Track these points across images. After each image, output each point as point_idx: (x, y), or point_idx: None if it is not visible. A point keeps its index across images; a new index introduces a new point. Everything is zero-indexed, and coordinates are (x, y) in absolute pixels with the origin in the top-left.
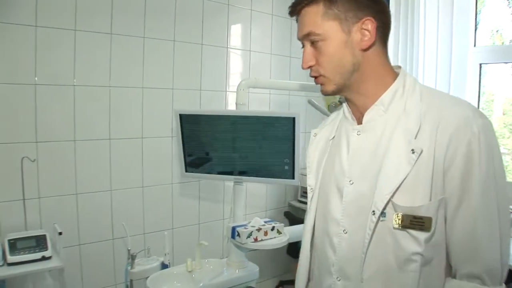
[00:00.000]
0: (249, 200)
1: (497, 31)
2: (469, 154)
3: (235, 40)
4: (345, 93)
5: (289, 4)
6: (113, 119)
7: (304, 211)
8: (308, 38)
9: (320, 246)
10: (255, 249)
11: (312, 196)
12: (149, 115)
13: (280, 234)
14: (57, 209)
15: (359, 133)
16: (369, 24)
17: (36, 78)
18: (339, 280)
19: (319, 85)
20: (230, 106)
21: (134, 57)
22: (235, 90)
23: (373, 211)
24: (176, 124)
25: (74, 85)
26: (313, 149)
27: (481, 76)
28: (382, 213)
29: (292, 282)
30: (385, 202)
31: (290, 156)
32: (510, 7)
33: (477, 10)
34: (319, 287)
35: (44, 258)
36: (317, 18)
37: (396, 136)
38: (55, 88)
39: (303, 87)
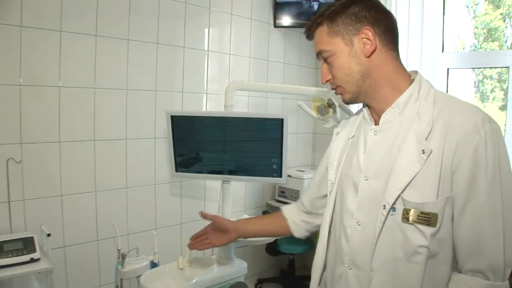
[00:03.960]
0: None
1: (458, 37)
2: (476, 157)
3: (215, 43)
4: (363, 100)
5: (267, 8)
6: (97, 120)
7: None
8: (320, 56)
9: (336, 237)
10: (245, 245)
11: (331, 190)
12: (133, 117)
13: None
14: (42, 211)
15: (376, 133)
16: (368, 33)
17: (21, 79)
18: (350, 269)
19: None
20: (209, 108)
21: (119, 59)
22: (214, 93)
23: (384, 206)
24: (167, 125)
25: (59, 86)
26: (335, 146)
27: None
28: (393, 208)
29: (270, 280)
30: (395, 197)
31: (278, 156)
32: (469, 14)
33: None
34: (332, 275)
35: (32, 260)
36: (324, 37)
37: (409, 137)
38: (40, 89)
39: (288, 89)
